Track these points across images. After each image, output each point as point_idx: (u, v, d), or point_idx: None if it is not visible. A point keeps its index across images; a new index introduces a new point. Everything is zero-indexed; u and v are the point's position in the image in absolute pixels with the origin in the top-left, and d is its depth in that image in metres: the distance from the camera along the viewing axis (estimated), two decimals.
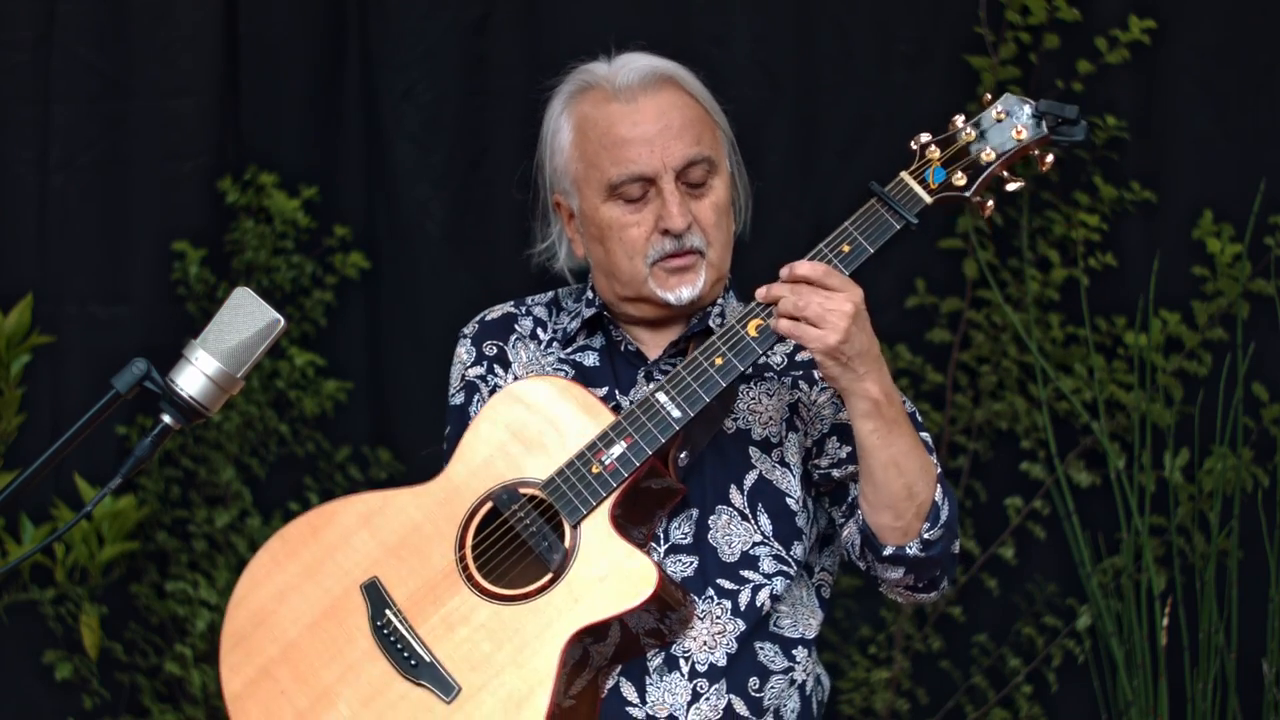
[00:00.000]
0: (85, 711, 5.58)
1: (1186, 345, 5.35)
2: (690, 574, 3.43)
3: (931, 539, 3.38)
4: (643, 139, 3.44)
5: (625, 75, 3.48)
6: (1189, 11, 5.32)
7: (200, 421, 3.20)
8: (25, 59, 5.53)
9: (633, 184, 3.44)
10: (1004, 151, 3.39)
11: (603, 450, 3.32)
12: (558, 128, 3.51)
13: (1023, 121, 3.39)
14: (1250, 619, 5.22)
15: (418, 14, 5.53)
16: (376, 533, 3.38)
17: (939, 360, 5.47)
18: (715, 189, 3.49)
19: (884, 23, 5.44)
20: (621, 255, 3.46)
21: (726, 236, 3.52)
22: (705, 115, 3.51)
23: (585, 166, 3.47)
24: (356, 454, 5.62)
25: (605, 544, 3.29)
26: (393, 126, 5.55)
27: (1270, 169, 5.23)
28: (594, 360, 3.54)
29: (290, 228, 5.57)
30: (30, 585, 5.57)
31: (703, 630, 3.42)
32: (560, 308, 3.63)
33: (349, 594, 3.36)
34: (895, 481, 3.35)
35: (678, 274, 3.46)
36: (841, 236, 3.35)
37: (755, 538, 3.45)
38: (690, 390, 3.33)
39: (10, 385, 5.52)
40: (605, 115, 3.46)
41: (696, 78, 3.55)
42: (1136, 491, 5.26)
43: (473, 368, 3.58)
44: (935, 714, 5.53)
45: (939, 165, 3.37)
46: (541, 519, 3.32)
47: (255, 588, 3.42)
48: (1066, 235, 5.38)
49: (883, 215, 3.35)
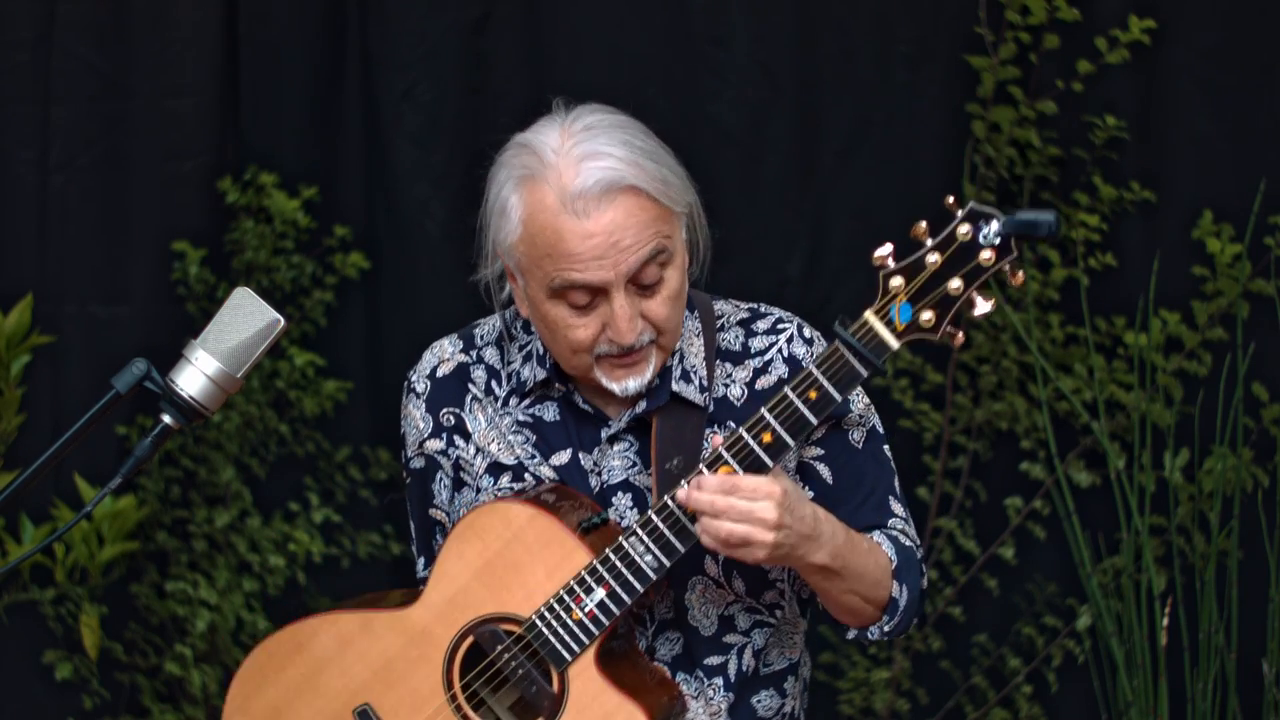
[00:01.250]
0: (85, 711, 5.58)
1: (1186, 345, 5.35)
2: (679, 651, 3.43)
3: (891, 628, 3.38)
4: (592, 254, 3.24)
5: (580, 182, 3.24)
6: (1189, 11, 5.32)
7: (200, 421, 3.20)
8: (25, 59, 5.53)
9: (580, 292, 3.29)
10: (973, 281, 3.15)
11: (581, 596, 3.28)
12: (504, 209, 3.32)
13: (990, 241, 3.13)
14: (1250, 619, 5.22)
15: (418, 14, 5.53)
16: (362, 656, 3.39)
17: (939, 360, 5.47)
18: (668, 281, 3.32)
19: (884, 23, 5.44)
20: (566, 349, 3.34)
21: (679, 317, 3.36)
22: (661, 210, 3.29)
23: (530, 263, 3.31)
24: (356, 454, 5.62)
25: (595, 694, 3.30)
26: (393, 126, 5.55)
27: (1270, 169, 5.23)
28: (554, 414, 3.45)
29: (290, 228, 5.57)
30: (30, 585, 5.57)
31: (699, 710, 3.42)
32: (511, 337, 3.50)
33: (342, 718, 3.39)
34: (851, 600, 3.34)
35: (625, 368, 3.34)
36: (807, 382, 3.20)
37: (728, 598, 3.43)
38: (665, 540, 3.25)
39: (10, 385, 5.52)
40: (554, 225, 3.25)
41: (652, 141, 3.33)
42: (1136, 491, 5.26)
43: (431, 440, 3.50)
44: (935, 714, 5.53)
45: (905, 300, 3.16)
46: (527, 659, 3.31)
47: (248, 699, 3.44)
48: (1066, 235, 5.38)
49: (849, 362, 3.18)
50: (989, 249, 3.14)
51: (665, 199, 3.30)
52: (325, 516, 5.61)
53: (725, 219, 5.39)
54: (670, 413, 3.39)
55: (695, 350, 3.43)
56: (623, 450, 3.42)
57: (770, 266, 5.44)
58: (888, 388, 5.43)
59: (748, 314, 3.49)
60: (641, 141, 3.31)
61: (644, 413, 3.40)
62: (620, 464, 3.42)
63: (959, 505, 5.48)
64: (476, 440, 3.48)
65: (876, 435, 3.46)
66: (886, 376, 5.44)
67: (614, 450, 3.42)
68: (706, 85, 5.44)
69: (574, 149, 3.27)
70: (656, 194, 3.28)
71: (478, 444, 3.47)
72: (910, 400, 5.46)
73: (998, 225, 3.14)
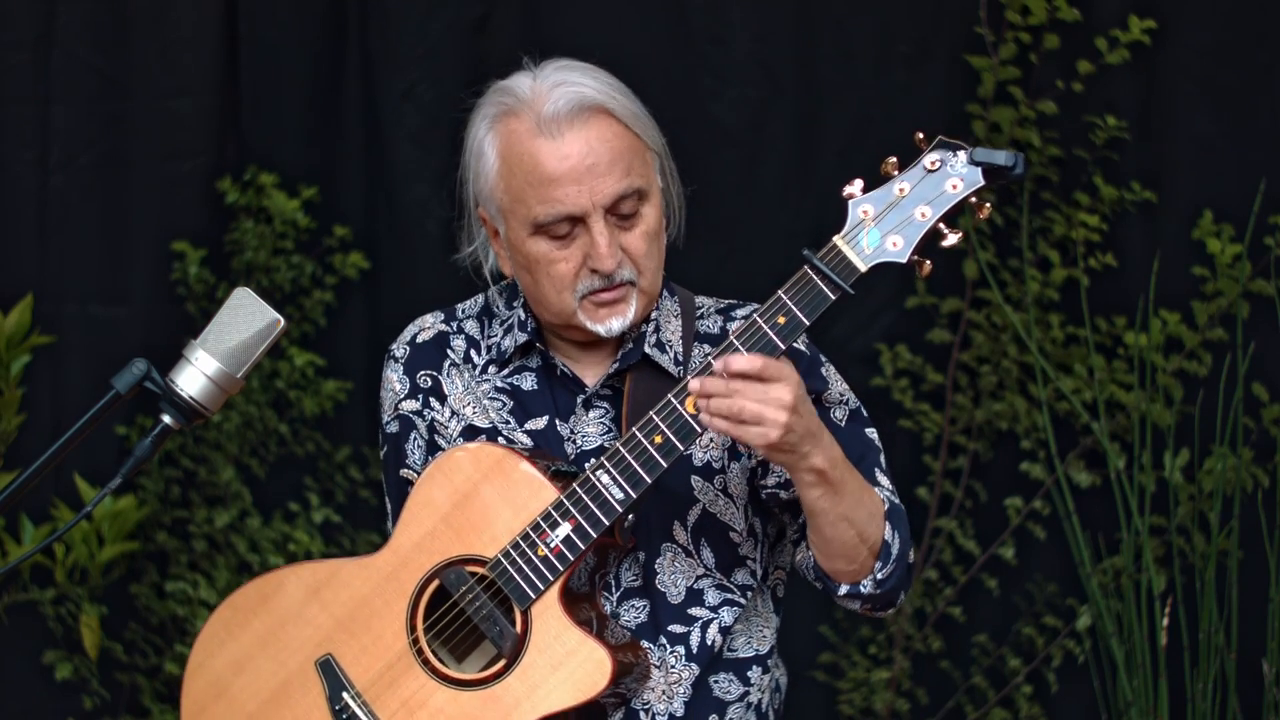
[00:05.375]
0: (85, 711, 5.58)
1: (1186, 345, 5.35)
2: (643, 619, 3.42)
3: (884, 576, 3.36)
4: (570, 177, 3.30)
5: (552, 105, 3.32)
6: (1189, 11, 5.32)
7: (200, 422, 3.20)
8: (25, 59, 5.53)
9: (560, 223, 3.33)
10: (940, 209, 3.21)
11: (547, 531, 3.28)
12: (481, 150, 3.39)
13: (957, 171, 3.20)
14: (1250, 619, 5.22)
15: (418, 14, 5.53)
16: (326, 606, 3.38)
17: (939, 360, 5.47)
18: (646, 217, 3.37)
19: (884, 23, 5.44)
20: (549, 289, 3.37)
21: (658, 261, 3.41)
22: (636, 142, 3.36)
23: (510, 200, 3.36)
24: (356, 454, 5.62)
25: (558, 632, 3.29)
26: (393, 126, 5.55)
27: (1270, 169, 5.23)
28: (532, 384, 3.48)
29: (290, 228, 5.57)
30: (30, 585, 5.57)
31: (660, 679, 3.41)
32: (492, 314, 3.54)
33: (304, 671, 3.37)
34: (845, 533, 3.31)
35: (607, 306, 3.37)
36: (776, 307, 3.23)
37: (698, 571, 3.43)
38: (632, 471, 3.27)
39: (10, 385, 5.52)
40: (530, 150, 3.32)
41: (622, 89, 3.41)
42: (1136, 491, 5.26)
43: (407, 401, 3.52)
44: (935, 714, 5.53)
45: (873, 226, 3.22)
46: (490, 600, 3.31)
47: (210, 656, 3.42)
48: (1066, 235, 5.38)
49: (817, 285, 3.22)
50: (956, 179, 3.21)
51: (637, 128, 3.36)
52: (325, 516, 5.61)
53: (725, 219, 5.45)
54: (644, 378, 3.42)
55: (673, 328, 3.45)
56: (598, 417, 3.44)
57: (770, 266, 5.43)
58: (888, 388, 5.44)
59: (726, 305, 3.54)
60: (610, 80, 3.40)
61: (617, 371, 3.43)
62: (596, 430, 3.44)
63: (959, 505, 5.48)
64: (452, 404, 3.49)
65: (860, 416, 3.47)
66: (886, 376, 5.45)
67: (590, 416, 3.44)
68: (706, 85, 5.44)
69: (546, 80, 3.36)
70: (628, 120, 3.35)
71: (453, 407, 3.49)
72: (910, 400, 5.47)
73: (965, 155, 3.21)
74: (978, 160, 3.20)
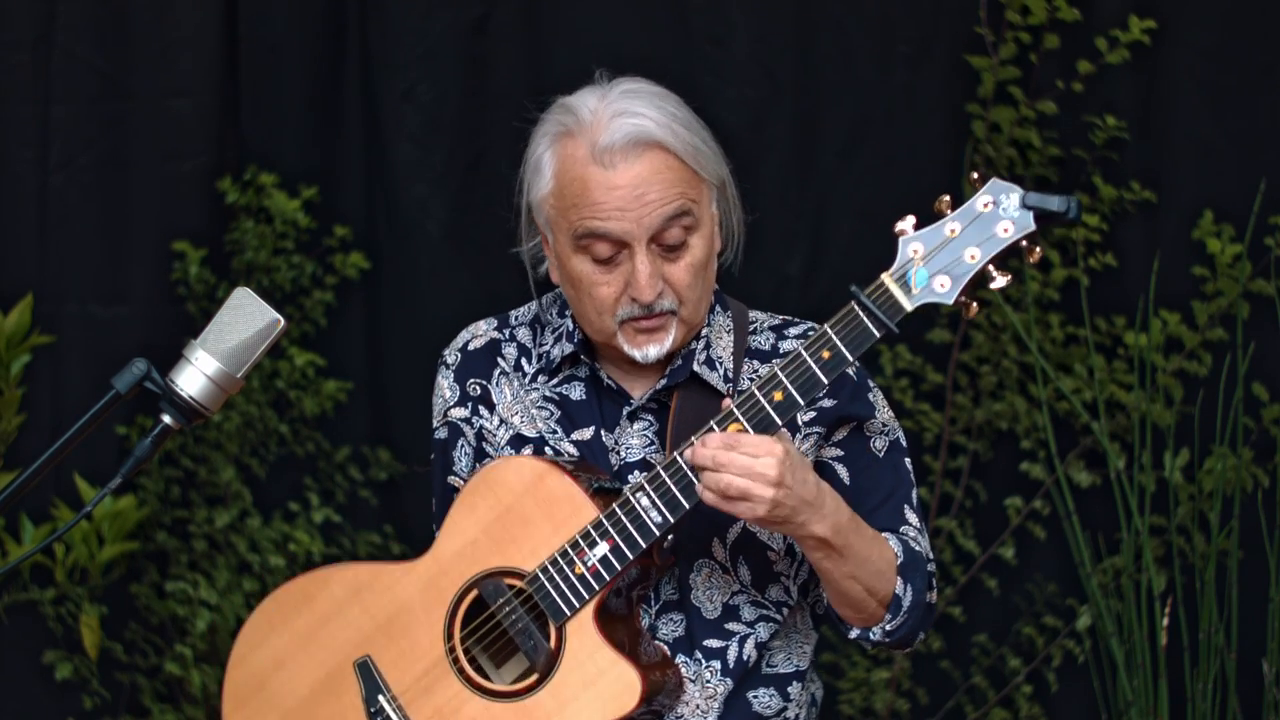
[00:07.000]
0: (85, 711, 5.58)
1: (1186, 345, 5.35)
2: (680, 633, 3.43)
3: (894, 627, 3.38)
4: (616, 206, 3.31)
5: (608, 136, 3.32)
6: (1189, 11, 5.32)
7: (200, 422, 3.20)
8: (25, 59, 5.53)
9: (602, 243, 3.34)
10: (990, 252, 3.19)
11: (585, 550, 3.30)
12: (539, 166, 3.40)
13: (1010, 215, 3.19)
14: (1250, 619, 5.22)
15: (418, 14, 5.53)
16: (367, 608, 3.41)
17: (939, 360, 5.47)
18: (693, 248, 3.36)
19: (884, 23, 5.44)
20: (590, 309, 3.38)
21: (702, 291, 3.41)
22: (689, 175, 3.36)
23: (559, 215, 3.37)
24: (356, 454, 5.62)
25: (591, 650, 3.31)
26: (393, 126, 5.55)
27: (1270, 169, 5.23)
28: (580, 394, 3.49)
29: (290, 228, 5.57)
30: (30, 585, 5.57)
31: (695, 694, 3.42)
32: (544, 324, 3.55)
33: (342, 670, 3.40)
34: (853, 589, 3.34)
35: (646, 334, 3.38)
36: (821, 342, 3.22)
37: (734, 587, 3.44)
38: (671, 496, 3.27)
39: (10, 385, 5.52)
40: (582, 175, 3.33)
41: (687, 112, 3.41)
42: (1136, 491, 5.26)
43: (456, 408, 3.54)
44: (935, 714, 5.53)
45: (922, 266, 3.20)
46: (527, 613, 3.33)
47: (253, 650, 3.46)
48: (1066, 235, 5.38)
49: (863, 322, 3.21)
50: (1008, 222, 3.19)
51: (693, 162, 3.36)
52: (325, 516, 5.61)
53: None
54: (691, 395, 3.43)
55: (724, 344, 3.46)
56: (642, 429, 3.45)
57: (770, 266, 5.44)
58: (888, 388, 5.44)
59: (780, 322, 3.53)
60: (676, 109, 3.40)
61: (664, 389, 3.43)
62: (639, 442, 3.45)
63: (959, 505, 5.48)
64: (500, 412, 3.51)
65: (899, 447, 3.48)
66: (886, 376, 5.45)
67: (634, 429, 3.45)
68: (706, 85, 5.44)
69: (609, 108, 3.35)
70: (684, 155, 3.35)
71: (501, 415, 3.51)
72: (910, 400, 5.47)
73: (1018, 198, 3.19)
74: (1030, 205, 3.18)
